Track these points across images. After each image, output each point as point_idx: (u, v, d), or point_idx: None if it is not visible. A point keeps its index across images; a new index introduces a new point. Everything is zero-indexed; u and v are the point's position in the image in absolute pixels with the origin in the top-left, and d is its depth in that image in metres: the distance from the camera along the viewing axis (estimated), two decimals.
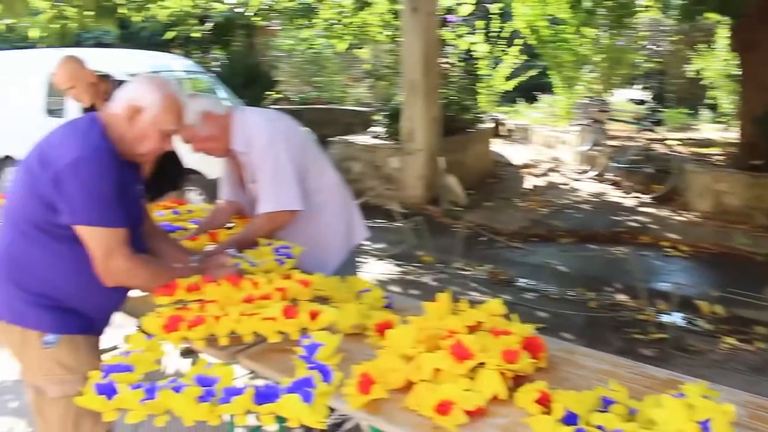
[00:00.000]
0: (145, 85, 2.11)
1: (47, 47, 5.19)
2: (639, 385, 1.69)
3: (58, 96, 7.55)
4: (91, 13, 4.51)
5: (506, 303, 1.98)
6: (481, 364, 1.61)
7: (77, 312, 2.10)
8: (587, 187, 8.46)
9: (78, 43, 10.19)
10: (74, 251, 2.01)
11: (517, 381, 1.65)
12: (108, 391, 1.67)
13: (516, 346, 1.68)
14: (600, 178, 8.73)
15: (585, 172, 9.05)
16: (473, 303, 1.99)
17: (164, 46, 11.41)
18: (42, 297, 2.03)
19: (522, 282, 5.36)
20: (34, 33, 4.95)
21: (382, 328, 1.92)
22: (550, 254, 6.03)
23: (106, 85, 3.83)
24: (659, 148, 8.72)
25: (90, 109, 3.89)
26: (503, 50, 10.83)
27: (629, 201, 7.78)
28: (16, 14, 3.07)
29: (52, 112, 7.56)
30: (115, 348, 4.15)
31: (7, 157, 7.92)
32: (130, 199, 2.11)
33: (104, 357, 2.13)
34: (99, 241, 1.98)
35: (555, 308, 4.76)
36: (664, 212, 7.22)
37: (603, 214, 7.27)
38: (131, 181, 2.15)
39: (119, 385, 1.66)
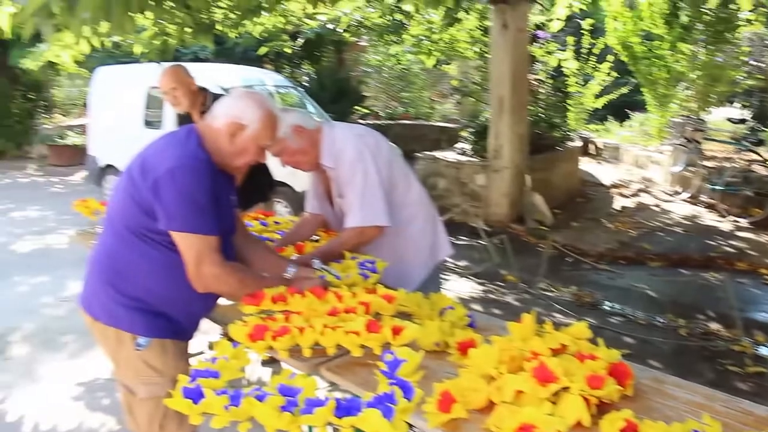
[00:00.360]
0: (246, 101, 2.18)
1: (148, 62, 5.43)
2: (734, 421, 1.61)
3: (156, 108, 7.91)
4: (190, 29, 4.69)
5: (591, 327, 1.93)
6: (565, 389, 1.58)
7: (168, 317, 2.18)
8: (680, 209, 8.16)
9: (176, 59, 10.65)
10: (169, 258, 2.10)
11: (601, 408, 1.60)
12: (195, 395, 1.71)
13: (602, 372, 1.64)
14: (694, 200, 8.41)
15: (678, 193, 8.74)
16: (557, 325, 1.95)
17: (256, 61, 11.78)
18: (136, 301, 2.13)
19: (608, 306, 5.21)
20: (137, 49, 5.19)
21: (465, 347, 1.91)
22: (638, 278, 5.85)
23: (203, 96, 3.99)
24: (760, 169, 8.33)
25: (185, 116, 4.06)
26: (594, 67, 10.63)
27: (725, 225, 7.45)
28: (124, 32, 3.22)
29: (150, 123, 7.92)
30: (200, 353, 4.31)
31: (108, 166, 8.34)
32: (223, 208, 2.18)
33: (191, 362, 2.21)
34: (192, 247, 2.06)
35: (642, 334, 4.61)
36: (764, 237, 6.88)
37: (696, 237, 6.99)
38: (225, 191, 2.22)
39: (205, 390, 1.71)
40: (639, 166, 9.66)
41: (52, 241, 7.29)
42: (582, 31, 10.34)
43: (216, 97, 4.05)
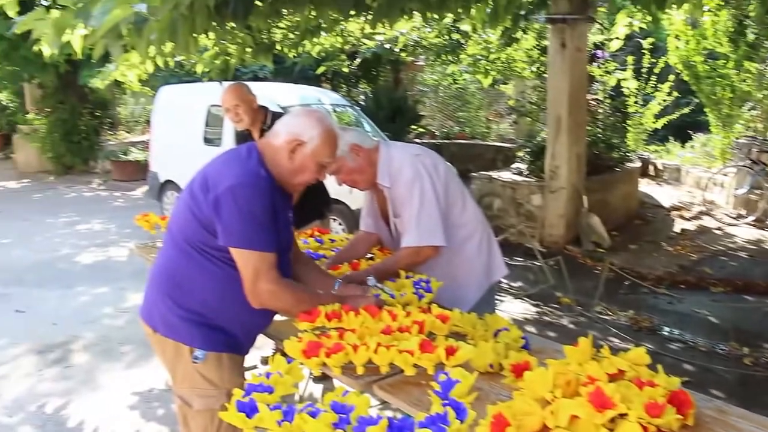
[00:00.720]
0: (306, 119, 2.22)
1: (209, 81, 5.57)
2: None
3: (215, 126, 8.09)
4: (251, 49, 4.80)
5: (649, 352, 1.88)
6: (622, 416, 1.54)
7: (225, 331, 2.22)
8: (744, 233, 7.91)
9: (236, 78, 10.88)
10: (228, 274, 2.13)
11: None
12: (248, 409, 1.73)
13: (661, 400, 1.59)
14: (759, 224, 8.14)
15: (742, 216, 8.48)
16: (614, 350, 1.91)
17: (314, 80, 11.95)
18: (195, 314, 2.17)
19: (667, 331, 5.08)
20: (199, 68, 5.33)
21: (520, 369, 1.89)
22: (699, 303, 5.68)
23: (263, 114, 4.07)
24: None
25: (244, 134, 4.14)
26: (654, 86, 10.44)
27: None
28: (188, 52, 3.32)
29: (210, 141, 8.10)
30: (254, 368, 4.36)
31: (168, 182, 8.55)
32: (281, 224, 2.21)
33: (246, 376, 2.24)
34: (249, 263, 2.09)
35: (703, 362, 4.47)
36: None
37: (762, 262, 6.76)
38: (283, 208, 2.25)
39: (259, 405, 1.72)
40: (701, 188, 9.41)
41: (114, 254, 7.51)
42: (642, 51, 10.18)
43: (275, 115, 4.12)
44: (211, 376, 2.21)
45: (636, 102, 10.31)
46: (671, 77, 10.39)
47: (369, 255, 3.08)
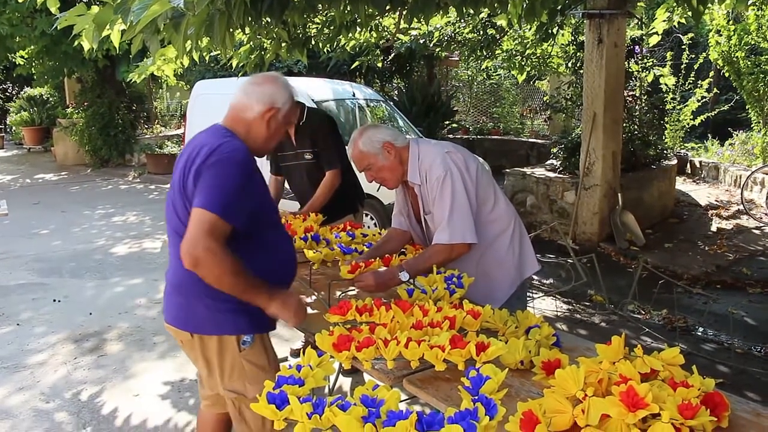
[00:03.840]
0: (274, 86, 2.29)
1: (244, 75, 5.61)
2: None
3: None
4: (286, 44, 4.81)
5: (683, 353, 1.86)
6: (655, 416, 1.52)
7: (260, 311, 2.23)
8: None
9: None
10: (247, 248, 2.17)
11: None
12: (279, 401, 1.75)
13: (695, 401, 1.57)
14: None
15: None
16: (647, 350, 1.89)
17: (347, 75, 11.97)
18: (235, 302, 2.17)
19: (701, 331, 5.00)
20: (234, 63, 5.37)
21: (551, 367, 1.87)
22: (735, 304, 5.57)
23: (298, 111, 4.07)
24: None
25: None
26: (693, 83, 10.26)
27: None
28: (225, 47, 3.35)
29: None
30: (285, 360, 4.39)
31: None
32: (262, 188, 2.25)
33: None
34: (201, 221, 2.02)
35: (739, 363, 4.39)
36: None
37: None
38: (261, 179, 2.26)
39: (290, 397, 1.74)
40: (740, 187, 9.23)
41: (148, 246, 7.63)
42: (681, 46, 10.00)
43: (310, 110, 4.13)
44: (259, 360, 2.27)
45: (674, 99, 10.14)
46: (711, 73, 10.19)
47: (401, 250, 3.08)
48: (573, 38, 9.10)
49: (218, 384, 2.33)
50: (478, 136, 13.46)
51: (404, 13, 4.32)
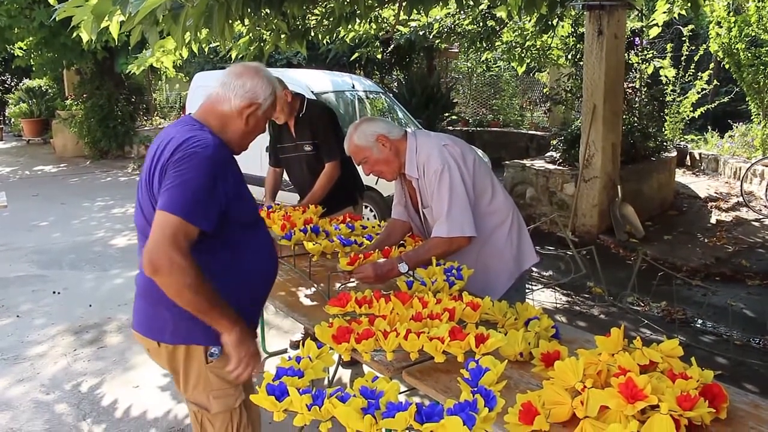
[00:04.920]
0: (256, 80, 2.12)
1: None
2: None
3: None
4: (285, 36, 4.79)
5: (682, 345, 1.86)
6: (654, 408, 1.53)
7: None
8: None
9: (270, 64, 10.92)
10: (218, 259, 2.03)
11: (691, 430, 1.54)
12: (278, 392, 1.75)
13: (693, 392, 1.58)
14: None
15: None
16: (645, 342, 1.89)
17: (347, 67, 11.94)
18: None
19: (700, 323, 5.00)
20: (234, 54, 5.36)
21: (550, 359, 1.88)
22: (734, 296, 5.58)
23: (298, 102, 4.06)
24: None
25: (280, 125, 4.14)
26: (693, 75, 10.24)
27: None
28: (224, 39, 3.34)
29: None
30: (284, 351, 4.40)
31: None
32: (244, 190, 2.09)
33: (277, 361, 2.25)
34: (167, 225, 1.86)
35: (737, 355, 4.40)
36: None
37: None
38: (239, 172, 2.11)
39: (289, 389, 1.74)
40: (739, 179, 9.23)
41: None
42: (682, 38, 9.97)
43: (309, 102, 4.12)
44: (225, 374, 2.10)
45: (674, 90, 10.13)
46: (711, 65, 10.17)
47: (400, 242, 3.09)
48: (573, 30, 9.07)
49: (183, 393, 2.21)
50: (478, 128, 13.43)
51: (404, 4, 4.30)
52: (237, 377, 2.06)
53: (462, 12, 8.70)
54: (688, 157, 10.92)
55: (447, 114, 13.01)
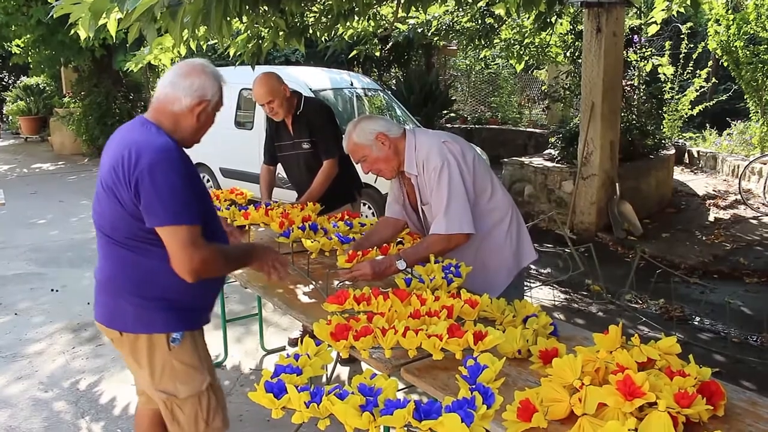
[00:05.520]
0: (203, 77, 2.18)
1: (240, 65, 5.58)
2: None
3: (247, 110, 8.12)
4: (283, 33, 4.79)
5: (679, 342, 1.86)
6: (652, 405, 1.53)
7: (193, 308, 2.23)
8: None
9: (268, 61, 10.90)
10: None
11: (689, 428, 1.55)
12: (276, 390, 1.75)
13: (691, 389, 1.58)
14: None
15: None
16: (643, 339, 1.89)
17: (345, 64, 11.92)
18: (165, 300, 2.15)
19: (698, 321, 5.01)
20: (232, 52, 5.35)
21: (548, 356, 1.88)
22: (732, 293, 5.58)
23: (295, 100, 4.06)
24: None
25: (277, 123, 4.14)
26: (691, 72, 10.24)
27: None
28: (221, 36, 3.34)
29: (241, 124, 8.15)
30: (282, 349, 4.40)
31: (199, 164, 8.63)
32: (200, 189, 2.17)
33: (275, 358, 2.26)
34: (178, 237, 2.02)
35: (735, 353, 4.40)
36: None
37: None
38: (196, 174, 2.20)
39: (288, 386, 1.74)
40: (738, 177, 9.23)
41: None
42: (680, 36, 9.97)
43: (307, 100, 4.12)
44: (190, 359, 2.21)
45: (672, 88, 10.13)
46: (710, 63, 10.17)
47: (398, 239, 3.09)
48: (571, 27, 9.06)
49: (149, 384, 2.25)
50: (476, 126, 13.42)
51: (402, 1, 4.30)
52: (278, 280, 2.44)
53: (460, 9, 8.68)
54: (686, 155, 10.92)
55: (445, 111, 13.00)
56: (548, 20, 7.35)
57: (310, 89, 7.53)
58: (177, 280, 2.10)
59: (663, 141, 9.12)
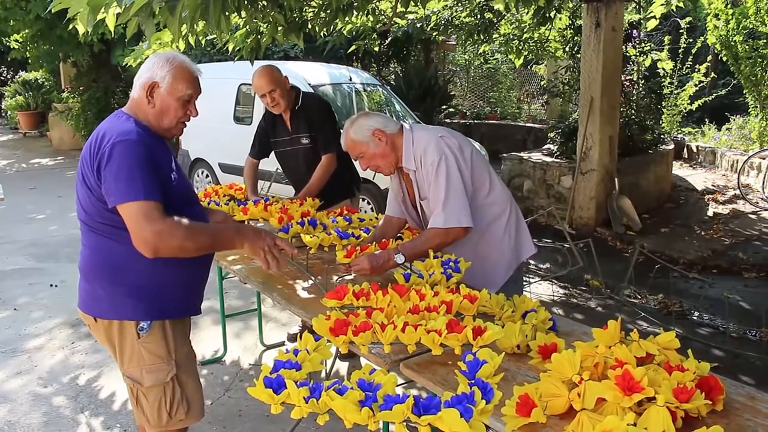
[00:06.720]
0: (154, 61, 2.25)
1: (239, 60, 5.57)
2: None
3: (246, 105, 8.11)
4: (282, 28, 4.78)
5: (678, 337, 1.86)
6: (650, 399, 1.53)
7: (167, 297, 2.24)
8: None
9: (267, 57, 10.87)
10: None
11: (688, 423, 1.55)
12: (276, 385, 1.75)
13: (690, 384, 1.58)
14: None
15: None
16: (642, 334, 1.90)
17: (344, 60, 11.90)
18: (136, 288, 2.18)
19: (697, 316, 5.02)
20: (231, 47, 5.34)
21: (547, 351, 1.88)
22: (731, 288, 5.58)
23: (294, 94, 4.05)
24: None
25: (274, 118, 4.13)
26: (690, 67, 10.23)
27: None
28: (220, 31, 3.33)
29: (240, 119, 8.13)
30: (282, 344, 4.40)
31: (199, 159, 8.62)
32: (166, 172, 2.19)
33: (274, 353, 2.26)
34: (132, 213, 2.02)
35: (734, 348, 4.41)
36: None
37: None
38: (166, 158, 2.24)
39: (287, 381, 1.74)
40: (736, 172, 9.23)
41: None
42: (679, 30, 9.96)
43: (306, 95, 4.11)
44: (157, 350, 2.24)
45: (671, 83, 10.13)
46: (709, 58, 10.17)
47: (398, 235, 3.09)
48: (570, 22, 9.05)
49: (120, 367, 2.31)
50: (475, 121, 13.42)
51: None
52: (277, 270, 2.34)
53: (459, 4, 8.68)
54: (685, 150, 10.92)
55: (444, 107, 12.98)
56: (547, 15, 7.35)
57: (309, 84, 7.52)
58: (148, 266, 2.13)
59: (662, 136, 9.12)
